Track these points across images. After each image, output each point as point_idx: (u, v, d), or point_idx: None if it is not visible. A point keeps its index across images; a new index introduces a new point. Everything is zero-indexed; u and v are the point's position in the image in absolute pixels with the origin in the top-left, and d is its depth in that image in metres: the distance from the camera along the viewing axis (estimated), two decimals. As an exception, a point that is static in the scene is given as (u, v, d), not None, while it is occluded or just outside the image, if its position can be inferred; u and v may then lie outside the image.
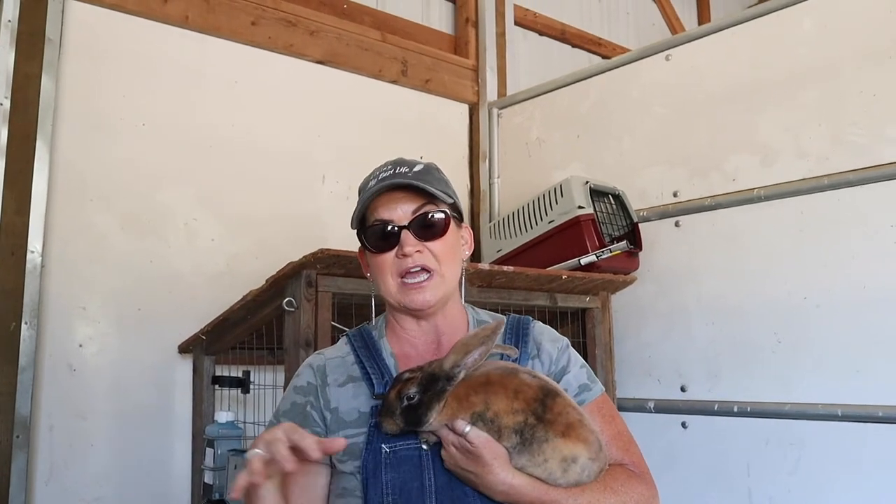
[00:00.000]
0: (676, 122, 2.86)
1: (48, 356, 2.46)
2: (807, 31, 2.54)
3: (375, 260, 1.42)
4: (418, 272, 1.39)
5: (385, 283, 1.42)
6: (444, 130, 3.64)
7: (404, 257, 1.38)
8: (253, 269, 2.79)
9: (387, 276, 1.41)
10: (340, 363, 1.45)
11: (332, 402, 1.40)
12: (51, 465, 2.44)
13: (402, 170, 1.42)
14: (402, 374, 1.31)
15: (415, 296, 1.39)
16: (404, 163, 1.45)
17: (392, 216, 1.40)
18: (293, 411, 1.42)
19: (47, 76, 2.47)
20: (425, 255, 1.39)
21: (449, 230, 1.43)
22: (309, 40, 3.17)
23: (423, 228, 1.40)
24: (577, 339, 2.84)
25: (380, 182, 1.41)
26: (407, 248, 1.38)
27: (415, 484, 1.28)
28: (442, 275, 1.41)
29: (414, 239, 1.39)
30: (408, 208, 1.40)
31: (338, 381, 1.43)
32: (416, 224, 1.40)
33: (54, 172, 2.50)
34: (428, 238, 1.40)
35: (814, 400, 2.39)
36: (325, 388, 1.42)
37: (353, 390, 1.40)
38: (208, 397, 2.65)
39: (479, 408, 1.24)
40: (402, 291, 1.40)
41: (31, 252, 2.39)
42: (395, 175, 1.41)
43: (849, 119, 2.42)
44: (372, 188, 1.40)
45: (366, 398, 1.39)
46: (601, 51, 4.50)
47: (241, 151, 2.94)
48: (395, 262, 1.40)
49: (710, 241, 2.70)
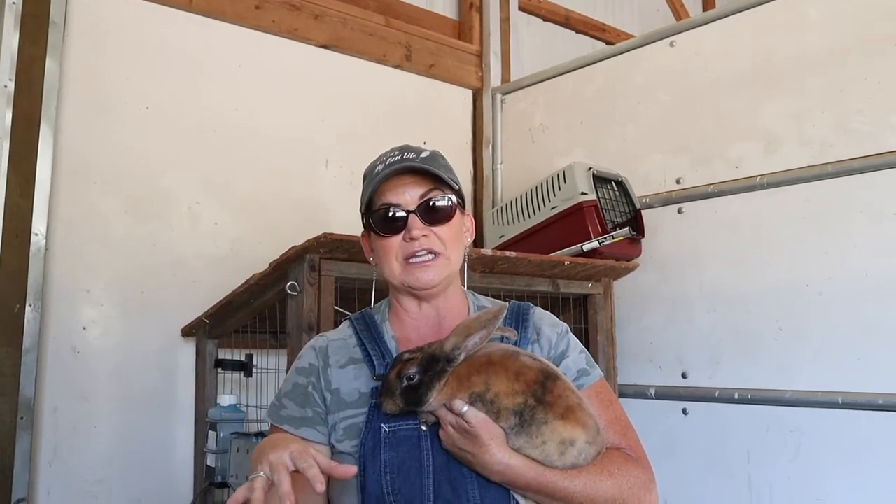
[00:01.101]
0: (680, 108, 2.86)
1: (52, 338, 2.47)
2: (812, 19, 2.53)
3: (382, 243, 1.44)
4: (424, 254, 1.41)
5: (390, 265, 1.43)
6: (447, 116, 3.64)
7: (411, 241, 1.40)
8: (256, 253, 2.79)
9: (392, 258, 1.43)
10: (342, 345, 1.47)
11: (334, 383, 1.42)
12: (54, 446, 2.46)
13: (410, 155, 1.44)
14: (403, 355, 1.32)
15: (420, 274, 1.40)
16: (411, 149, 1.46)
17: (400, 200, 1.41)
18: (295, 392, 1.44)
19: (51, 59, 2.47)
20: (431, 239, 1.41)
21: (455, 216, 1.45)
22: (313, 24, 3.17)
23: (430, 213, 1.42)
24: (578, 325, 2.84)
25: (387, 167, 1.42)
26: (415, 232, 1.39)
27: (413, 464, 1.29)
28: (447, 257, 1.43)
29: (421, 223, 1.40)
30: (415, 193, 1.41)
31: (339, 363, 1.44)
32: (423, 208, 1.41)
33: (58, 155, 2.50)
34: (434, 223, 1.42)
35: (814, 387, 2.39)
36: (327, 370, 1.44)
37: (354, 372, 1.42)
38: (211, 380, 2.66)
39: (479, 388, 1.25)
40: (407, 271, 1.41)
41: (35, 234, 2.39)
42: (403, 160, 1.42)
43: (853, 106, 2.41)
44: (380, 172, 1.42)
45: (366, 379, 1.40)
46: (605, 37, 4.48)
47: (244, 136, 2.94)
48: (402, 246, 1.41)
49: (713, 229, 2.70)
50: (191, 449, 2.70)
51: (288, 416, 1.42)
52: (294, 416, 1.42)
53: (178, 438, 2.70)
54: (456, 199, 1.45)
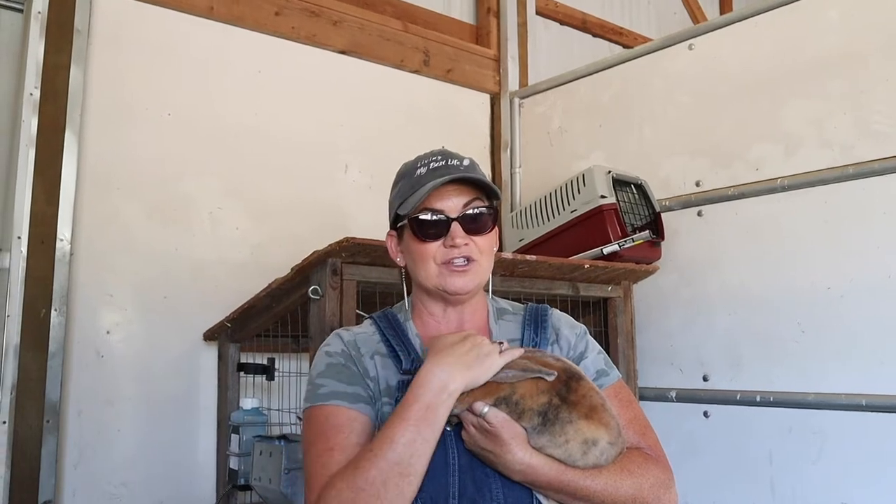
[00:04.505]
0: (699, 111, 2.85)
1: (77, 343, 2.50)
2: (832, 20, 2.52)
3: (420, 247, 1.44)
4: (461, 261, 1.42)
5: (427, 268, 1.44)
6: (465, 120, 3.65)
7: (452, 248, 1.41)
8: (276, 257, 2.82)
9: (429, 262, 1.43)
10: (367, 339, 1.48)
11: (370, 371, 1.42)
12: (80, 449, 2.48)
13: (454, 162, 1.45)
14: None
15: (455, 279, 1.42)
16: (453, 155, 1.48)
17: (444, 206, 1.42)
18: (331, 371, 1.41)
19: (76, 67, 2.51)
20: (471, 247, 1.42)
21: (493, 228, 1.47)
22: (332, 30, 3.19)
23: (472, 222, 1.43)
24: (598, 328, 2.84)
25: (432, 171, 1.43)
26: (458, 240, 1.40)
27: (439, 462, 1.30)
28: (481, 265, 1.45)
29: (463, 232, 1.42)
30: (459, 201, 1.42)
31: (367, 354, 1.45)
32: (466, 217, 1.42)
33: (82, 162, 2.54)
34: (475, 232, 1.43)
35: (837, 390, 2.38)
36: (362, 359, 1.44)
37: (381, 362, 1.43)
38: (233, 384, 2.68)
39: (504, 392, 1.26)
40: (443, 275, 1.42)
41: (60, 240, 2.43)
42: (449, 167, 1.44)
43: (874, 108, 2.40)
44: (424, 179, 1.42)
45: (393, 372, 1.41)
46: (622, 40, 4.48)
47: (264, 141, 2.96)
48: (441, 251, 1.42)
49: (733, 231, 2.69)
50: (213, 452, 2.72)
51: (333, 392, 1.37)
52: (346, 392, 1.37)
53: (201, 441, 2.72)
54: (495, 209, 1.47)
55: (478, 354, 1.27)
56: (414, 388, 1.25)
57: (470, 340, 1.29)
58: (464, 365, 1.25)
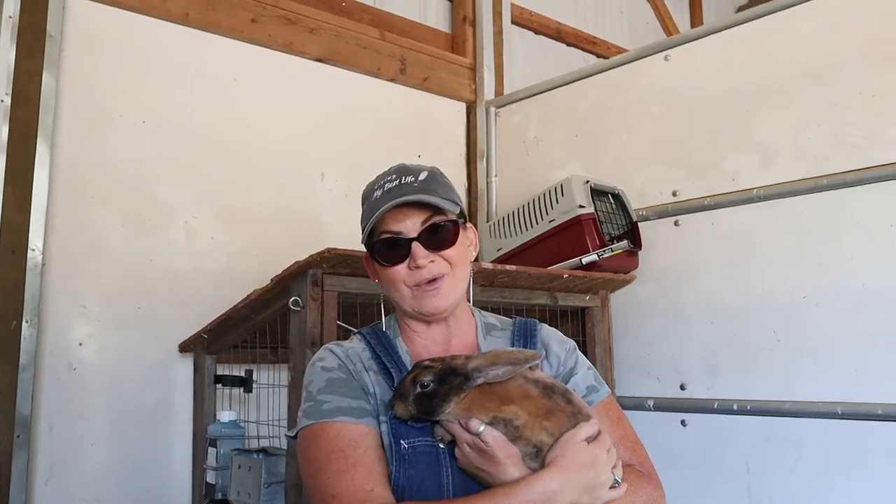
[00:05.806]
0: (675, 121, 2.88)
1: (48, 354, 2.44)
2: (806, 33, 2.56)
3: (387, 272, 1.41)
4: (432, 280, 1.39)
5: (399, 292, 1.42)
6: (441, 129, 3.64)
7: (417, 269, 1.38)
8: (252, 266, 2.79)
9: (400, 286, 1.41)
10: (358, 354, 1.45)
11: (369, 386, 1.39)
12: (51, 464, 2.43)
13: (408, 179, 1.41)
14: (423, 362, 1.32)
15: (429, 300, 1.39)
16: (408, 171, 1.43)
17: (401, 228, 1.39)
18: (332, 386, 1.37)
19: (48, 73, 2.46)
20: (438, 264, 1.39)
21: (459, 236, 1.43)
22: (308, 38, 3.17)
23: (433, 239, 1.39)
24: (576, 337, 2.82)
25: (386, 193, 1.39)
26: (420, 261, 1.37)
27: (433, 480, 1.29)
28: (454, 276, 1.42)
29: (424, 250, 1.38)
30: (416, 220, 1.39)
31: (362, 369, 1.42)
32: (425, 235, 1.39)
33: (55, 169, 2.48)
34: (439, 247, 1.40)
35: (813, 398, 2.41)
36: (359, 373, 1.40)
37: (374, 378, 1.41)
38: (210, 396, 2.64)
39: (506, 414, 1.25)
40: (416, 298, 1.40)
41: (31, 250, 2.37)
42: (402, 186, 1.39)
43: (848, 119, 2.44)
44: (379, 203, 1.38)
45: (385, 389, 1.38)
46: (596, 49, 4.51)
47: (240, 149, 2.93)
48: (408, 274, 1.40)
49: (710, 241, 2.72)
50: (188, 466, 2.67)
51: (338, 408, 1.33)
52: (351, 407, 1.34)
53: (176, 455, 2.67)
54: (458, 219, 1.44)
55: (597, 482, 1.24)
56: (526, 481, 1.21)
57: (598, 466, 1.25)
58: (582, 488, 1.22)
